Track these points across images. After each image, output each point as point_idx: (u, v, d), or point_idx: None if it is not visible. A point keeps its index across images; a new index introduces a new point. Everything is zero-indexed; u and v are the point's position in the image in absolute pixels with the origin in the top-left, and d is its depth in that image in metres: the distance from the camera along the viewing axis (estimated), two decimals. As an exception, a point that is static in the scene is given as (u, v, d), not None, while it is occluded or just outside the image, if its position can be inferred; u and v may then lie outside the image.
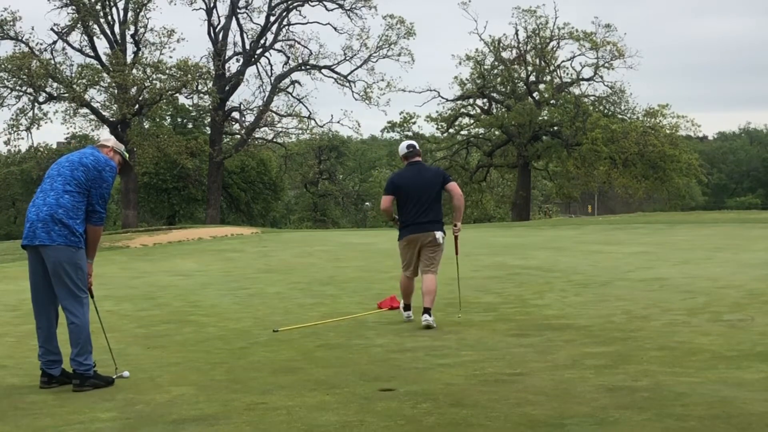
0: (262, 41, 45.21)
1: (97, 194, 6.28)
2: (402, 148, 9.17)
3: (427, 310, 8.56)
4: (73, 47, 41.90)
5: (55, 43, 41.31)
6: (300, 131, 47.07)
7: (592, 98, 48.12)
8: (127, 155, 6.85)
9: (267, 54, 45.61)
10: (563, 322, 8.49)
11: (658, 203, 55.93)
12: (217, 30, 44.37)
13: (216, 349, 7.68)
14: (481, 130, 51.20)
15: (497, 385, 5.75)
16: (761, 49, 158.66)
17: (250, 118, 45.96)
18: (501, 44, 48.55)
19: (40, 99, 41.22)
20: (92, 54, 42.19)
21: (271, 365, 6.82)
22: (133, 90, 41.19)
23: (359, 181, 75.01)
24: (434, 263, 8.80)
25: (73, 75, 40.83)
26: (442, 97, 49.40)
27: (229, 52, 44.73)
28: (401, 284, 9.06)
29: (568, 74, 48.64)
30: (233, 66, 45.34)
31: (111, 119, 41.87)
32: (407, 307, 9.09)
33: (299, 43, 45.27)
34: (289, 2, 45.32)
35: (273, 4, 44.88)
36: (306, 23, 45.72)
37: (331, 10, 44.97)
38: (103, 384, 6.22)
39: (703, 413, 4.81)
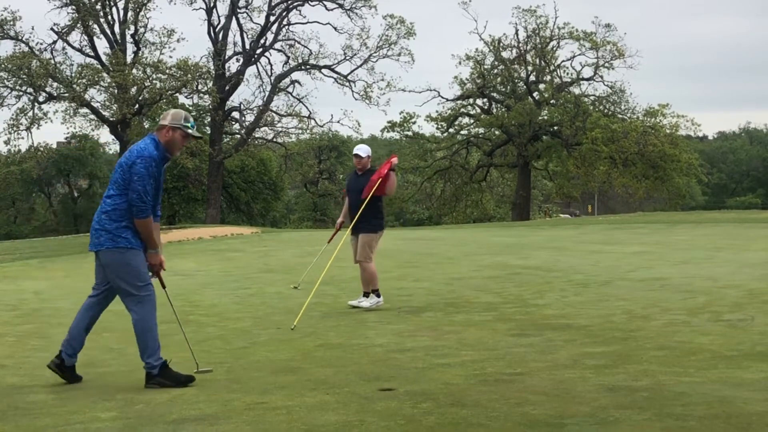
0: (262, 41, 45.22)
1: (132, 189, 6.22)
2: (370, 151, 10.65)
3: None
4: (73, 47, 41.96)
5: (55, 42, 41.36)
6: (300, 131, 47.09)
7: (592, 98, 48.14)
8: (193, 124, 6.49)
9: (267, 54, 45.64)
10: (563, 321, 8.49)
11: (659, 203, 55.91)
12: (217, 30, 44.38)
13: (216, 349, 7.68)
14: (481, 130, 51.20)
15: (497, 385, 5.75)
16: (761, 49, 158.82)
17: (250, 117, 46.00)
18: (501, 44, 48.57)
19: (40, 99, 41.23)
20: (92, 54, 42.21)
21: (271, 365, 6.82)
22: (133, 90, 41.20)
23: (359, 180, 74.86)
24: None
25: (73, 75, 40.86)
26: (442, 97, 49.47)
27: (229, 52, 44.75)
28: (375, 273, 10.27)
29: (568, 74, 48.71)
30: (233, 66, 45.38)
31: (111, 119, 41.88)
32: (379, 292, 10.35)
33: (299, 42, 45.30)
34: (289, 2, 45.32)
35: (273, 4, 44.89)
36: (306, 23, 45.77)
37: (331, 9, 45.02)
38: (169, 384, 6.16)
39: (703, 413, 4.81)
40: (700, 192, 76.58)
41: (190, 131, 6.40)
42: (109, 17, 42.34)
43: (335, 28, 45.40)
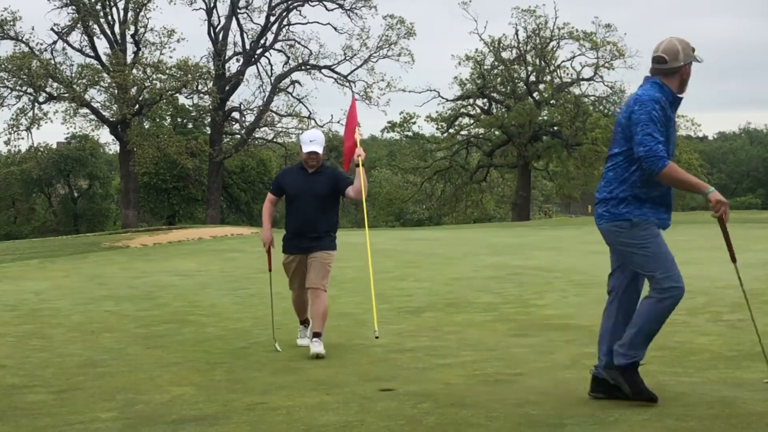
0: (262, 41, 45.23)
1: (637, 142, 5.25)
2: None
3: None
4: (73, 47, 42.00)
5: (55, 43, 41.40)
6: (300, 131, 47.09)
7: (592, 98, 48.11)
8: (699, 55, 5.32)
9: (267, 54, 45.66)
10: (563, 322, 8.49)
11: (658, 203, 55.83)
12: (217, 30, 44.40)
13: (216, 349, 7.68)
14: (481, 130, 51.17)
15: (497, 385, 5.75)
16: (761, 49, 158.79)
17: (250, 118, 46.02)
18: (501, 44, 48.56)
19: (40, 99, 41.28)
20: (92, 54, 42.25)
21: (271, 365, 6.82)
22: (133, 90, 41.24)
23: (359, 181, 74.86)
24: None
25: (73, 75, 40.91)
26: (442, 97, 49.42)
27: (229, 52, 44.76)
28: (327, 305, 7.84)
29: (568, 74, 48.65)
30: (233, 66, 45.40)
31: (111, 119, 41.90)
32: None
33: (299, 43, 45.31)
34: (289, 2, 45.34)
35: (273, 4, 44.91)
36: (306, 23, 45.75)
37: (331, 10, 45.04)
38: (625, 386, 5.13)
39: (703, 413, 4.81)
40: (700, 192, 76.48)
41: (699, 61, 5.32)
42: (109, 17, 42.39)
43: (335, 29, 45.45)
